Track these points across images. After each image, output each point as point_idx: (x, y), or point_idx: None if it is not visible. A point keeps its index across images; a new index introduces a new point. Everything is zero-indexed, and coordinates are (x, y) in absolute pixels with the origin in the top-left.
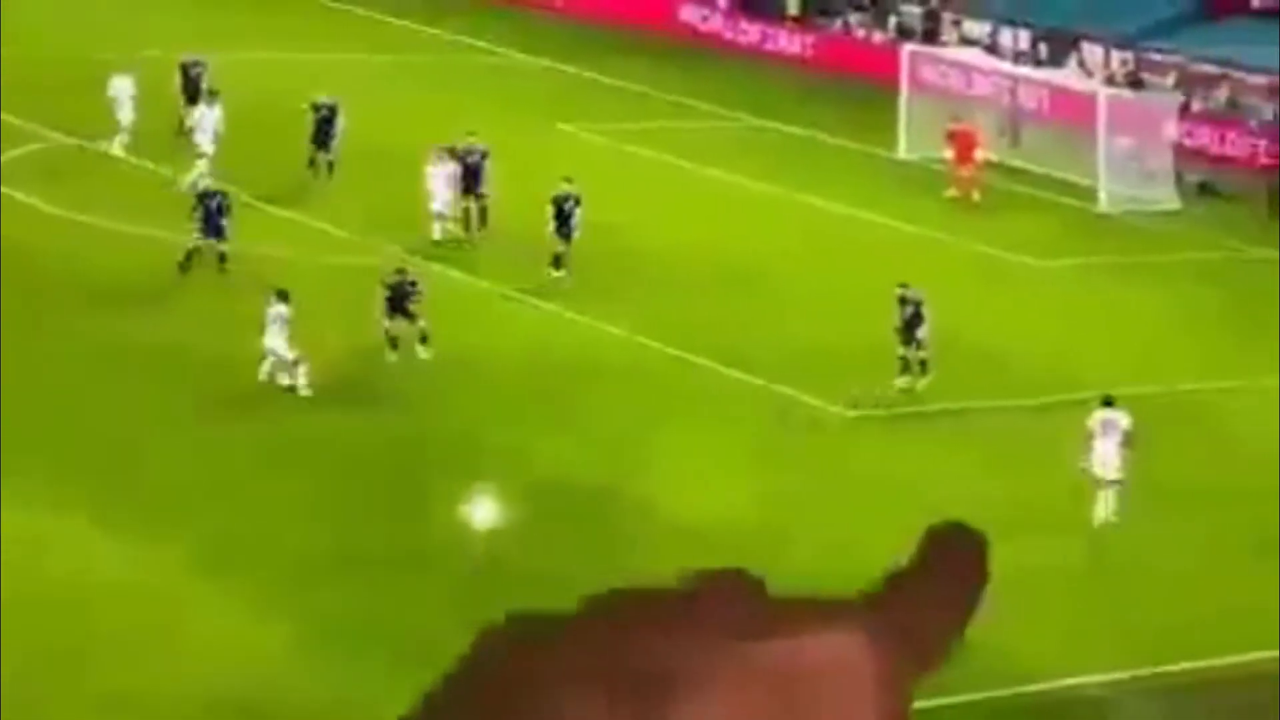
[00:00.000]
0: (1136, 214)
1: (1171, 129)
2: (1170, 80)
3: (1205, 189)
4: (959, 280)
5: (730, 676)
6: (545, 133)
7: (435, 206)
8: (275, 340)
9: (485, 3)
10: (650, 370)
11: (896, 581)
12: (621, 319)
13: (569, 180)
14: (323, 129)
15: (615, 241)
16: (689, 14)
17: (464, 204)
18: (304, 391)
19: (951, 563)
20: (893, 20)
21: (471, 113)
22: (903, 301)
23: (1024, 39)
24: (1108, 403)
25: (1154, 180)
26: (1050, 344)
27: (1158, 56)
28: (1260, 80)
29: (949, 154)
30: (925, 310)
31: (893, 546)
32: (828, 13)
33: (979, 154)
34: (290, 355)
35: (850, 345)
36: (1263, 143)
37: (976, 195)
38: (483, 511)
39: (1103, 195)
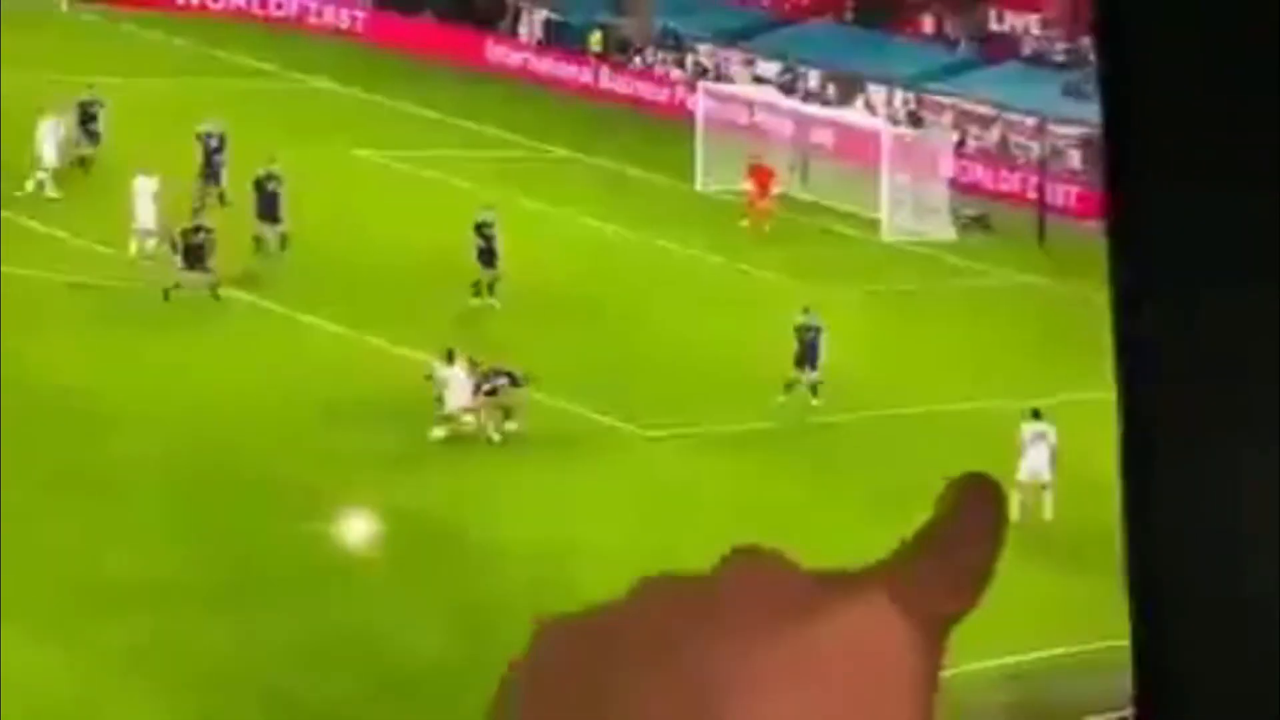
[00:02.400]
0: (916, 244)
1: (948, 166)
2: (948, 120)
3: (978, 222)
4: (751, 306)
5: (770, 656)
6: (341, 158)
7: (141, 225)
8: None
9: (287, 28)
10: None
11: (923, 531)
12: (428, 344)
13: (489, 208)
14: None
15: (417, 267)
16: (495, 46)
17: (263, 230)
18: None
19: (972, 509)
20: (690, 59)
21: (265, 139)
22: (804, 329)
23: (814, 79)
24: (1035, 414)
25: (932, 214)
26: (840, 366)
27: (937, 97)
28: (1030, 121)
29: (748, 187)
30: (822, 338)
31: (694, 563)
32: (628, 49)
33: (775, 188)
34: None
35: (649, 367)
36: (1032, 179)
37: (767, 227)
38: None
39: (885, 227)
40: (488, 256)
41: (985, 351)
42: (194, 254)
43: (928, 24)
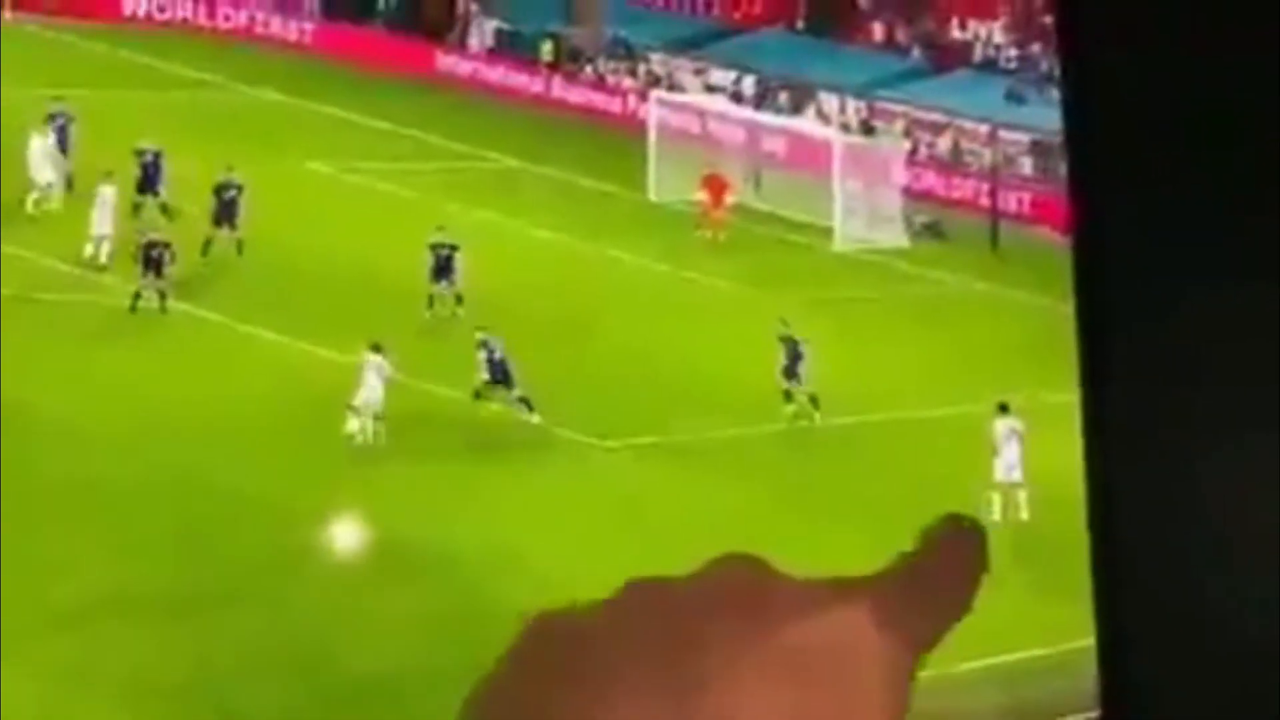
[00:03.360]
0: (869, 252)
1: (900, 174)
2: (900, 127)
3: (931, 229)
4: (704, 315)
5: (751, 658)
6: (291, 170)
7: (97, 232)
8: None
9: (234, 39)
10: (401, 407)
11: (901, 565)
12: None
13: (442, 228)
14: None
15: (366, 279)
16: (445, 56)
17: (219, 235)
18: None
19: (953, 550)
20: (642, 68)
21: (213, 151)
22: (784, 340)
23: (765, 87)
24: (1003, 408)
25: (885, 221)
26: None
27: (889, 105)
28: (982, 128)
29: (703, 197)
30: (804, 349)
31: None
32: (580, 59)
33: (729, 198)
34: None
35: (603, 377)
36: (984, 186)
37: (722, 236)
38: None
39: (838, 235)
40: (443, 274)
41: (940, 358)
42: (153, 265)
43: (878, 32)
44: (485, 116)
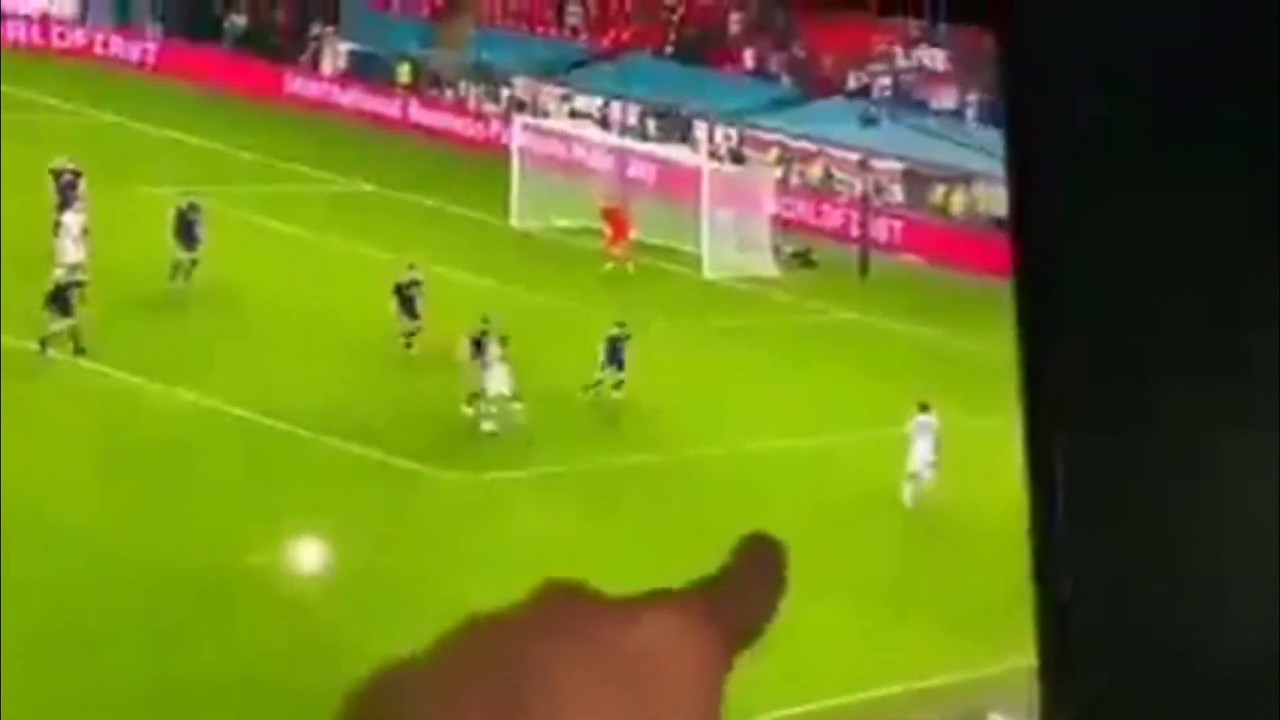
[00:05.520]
0: (738, 281)
1: (770, 202)
2: (772, 156)
3: (801, 257)
4: (569, 342)
5: (574, 674)
6: (132, 196)
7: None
8: None
9: (74, 59)
10: (241, 441)
11: (714, 578)
12: (233, 388)
13: (412, 266)
14: None
15: (221, 307)
16: (295, 79)
17: (180, 256)
18: None
19: (755, 561)
20: (505, 93)
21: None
22: (614, 339)
23: (633, 114)
24: (924, 408)
25: (754, 250)
26: (662, 403)
27: (760, 133)
28: (852, 156)
29: (605, 229)
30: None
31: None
32: (440, 83)
33: (633, 231)
34: None
35: (452, 406)
36: (854, 214)
37: (630, 266)
38: None
39: (706, 264)
40: (410, 311)
41: (807, 388)
42: (62, 302)
43: (749, 59)
44: (338, 142)
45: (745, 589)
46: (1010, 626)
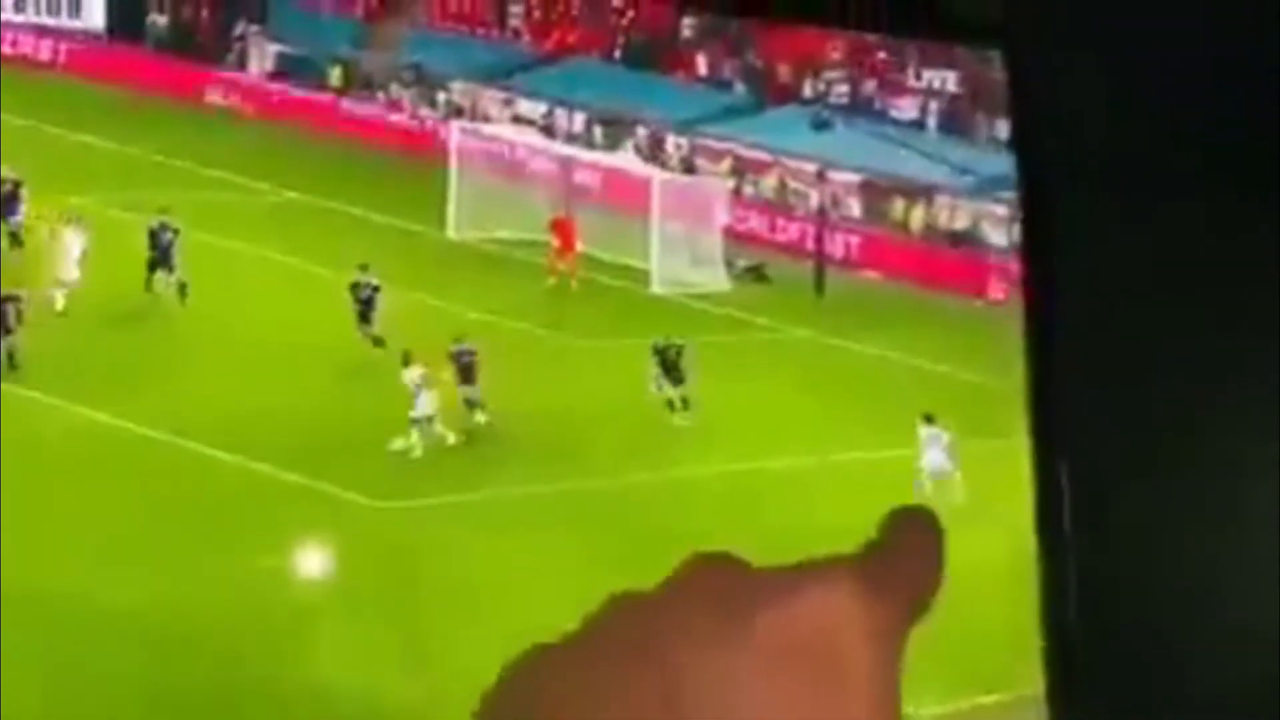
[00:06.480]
0: (688, 296)
1: (722, 214)
2: (725, 166)
3: (754, 272)
4: (524, 362)
5: (738, 653)
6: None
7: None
8: None
9: None
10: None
11: (866, 547)
12: (153, 411)
13: (365, 267)
14: None
15: (139, 321)
16: (219, 82)
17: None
18: None
19: (913, 534)
20: (443, 96)
21: None
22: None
23: (579, 121)
24: (929, 419)
25: (705, 264)
26: (612, 424)
27: (712, 142)
28: (808, 167)
29: (553, 241)
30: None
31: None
32: (371, 85)
33: (579, 245)
34: None
35: (388, 429)
36: (810, 228)
37: (574, 282)
38: None
39: (655, 278)
40: (367, 316)
41: (757, 407)
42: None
43: (702, 65)
44: (264, 146)
45: (904, 559)
46: (1008, 658)
